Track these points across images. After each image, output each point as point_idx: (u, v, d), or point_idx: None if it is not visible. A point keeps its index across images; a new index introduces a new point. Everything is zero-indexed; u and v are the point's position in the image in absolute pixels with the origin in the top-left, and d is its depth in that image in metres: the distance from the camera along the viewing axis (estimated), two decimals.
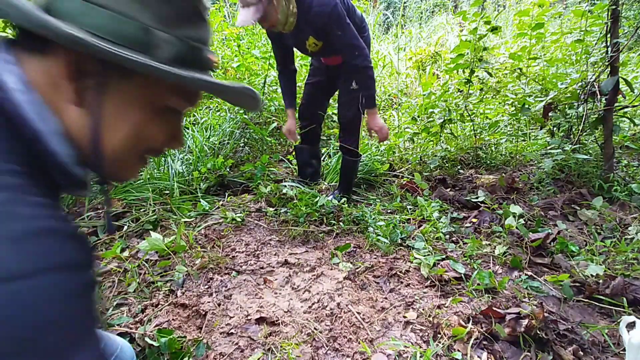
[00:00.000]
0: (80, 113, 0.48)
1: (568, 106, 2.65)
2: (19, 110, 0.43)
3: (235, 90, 0.56)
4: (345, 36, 1.96)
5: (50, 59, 0.46)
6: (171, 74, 0.48)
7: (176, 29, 0.51)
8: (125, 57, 0.45)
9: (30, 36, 0.45)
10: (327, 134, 3.41)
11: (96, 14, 0.46)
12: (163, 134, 0.56)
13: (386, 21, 8.13)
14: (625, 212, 2.22)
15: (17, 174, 0.40)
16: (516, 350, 1.22)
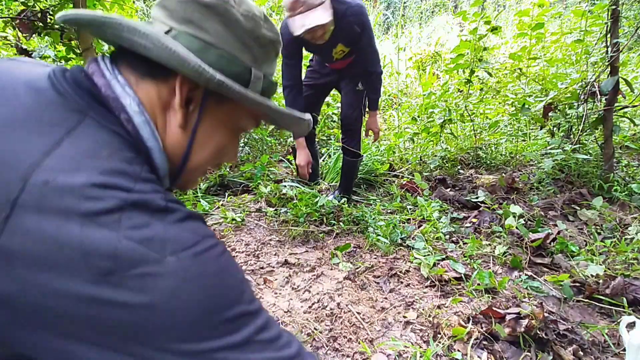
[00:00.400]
0: (181, 133, 0.56)
1: (568, 106, 2.65)
2: (139, 131, 0.51)
3: (293, 117, 0.64)
4: (371, 41, 2.05)
5: (163, 85, 0.54)
6: (262, 105, 0.57)
7: (264, 67, 0.61)
8: (239, 91, 0.54)
9: (146, 62, 0.51)
10: (327, 133, 3.42)
11: (211, 53, 0.54)
12: (235, 151, 0.66)
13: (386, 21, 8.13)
14: (625, 212, 2.22)
15: (153, 179, 0.48)
16: (516, 350, 1.22)
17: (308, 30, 1.72)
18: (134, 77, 0.53)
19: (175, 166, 0.58)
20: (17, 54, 2.47)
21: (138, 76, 0.53)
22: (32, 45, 2.74)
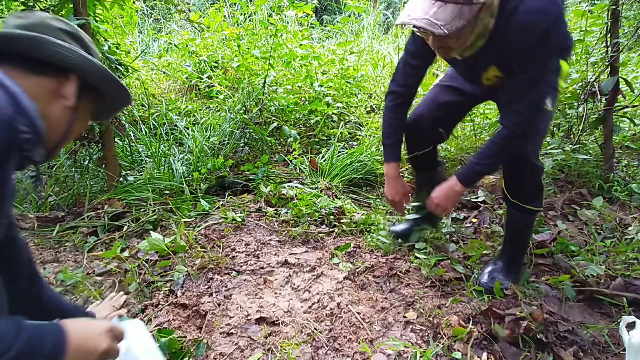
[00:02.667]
0: (67, 110, 0.82)
1: (568, 106, 2.65)
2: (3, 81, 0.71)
3: (125, 89, 0.95)
4: (538, 71, 1.23)
5: (52, 79, 0.80)
6: (117, 83, 0.90)
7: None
8: (113, 76, 0.88)
9: (34, 62, 0.77)
10: (327, 133, 3.42)
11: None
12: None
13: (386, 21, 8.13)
14: (625, 212, 2.22)
15: None
16: (516, 350, 1.22)
17: (406, 23, 1.13)
18: (18, 72, 0.75)
19: (58, 136, 0.83)
20: None
21: (27, 73, 0.76)
22: None
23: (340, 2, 4.55)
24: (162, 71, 4.43)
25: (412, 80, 1.57)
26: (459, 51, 1.25)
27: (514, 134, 1.31)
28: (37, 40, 0.74)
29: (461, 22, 1.07)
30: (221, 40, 4.37)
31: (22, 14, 0.82)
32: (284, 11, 3.67)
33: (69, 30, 0.83)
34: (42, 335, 0.69)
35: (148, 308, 1.43)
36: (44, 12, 0.92)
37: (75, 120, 0.84)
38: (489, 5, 1.13)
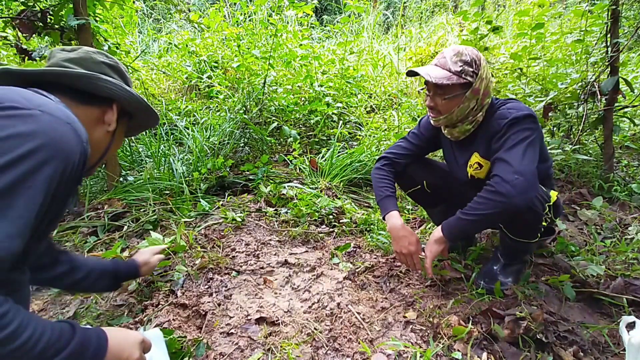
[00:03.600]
0: (107, 134, 0.97)
1: (568, 106, 2.65)
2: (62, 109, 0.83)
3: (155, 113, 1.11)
4: (512, 151, 1.29)
5: (97, 109, 0.94)
6: (150, 109, 1.07)
7: None
8: (149, 106, 1.05)
9: (84, 94, 0.91)
10: (327, 133, 3.41)
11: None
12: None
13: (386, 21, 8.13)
14: (625, 212, 2.23)
15: None
16: (516, 350, 1.22)
17: (413, 74, 1.40)
18: (70, 102, 0.87)
19: (98, 155, 0.97)
20: (17, 54, 2.47)
21: (77, 103, 0.89)
22: (32, 45, 2.74)
23: (340, 2, 4.55)
24: (162, 71, 4.43)
25: (404, 155, 1.69)
26: (445, 119, 1.44)
27: (499, 185, 1.25)
28: (93, 77, 0.89)
29: (446, 82, 1.35)
30: (221, 40, 4.37)
31: (69, 48, 0.95)
32: (284, 11, 3.67)
33: (110, 63, 0.97)
34: (90, 339, 0.78)
35: (148, 308, 1.42)
36: (89, 47, 1.00)
37: (113, 141, 1.00)
38: (476, 90, 1.37)
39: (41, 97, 0.78)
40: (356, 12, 3.57)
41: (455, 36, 5.43)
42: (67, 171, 0.73)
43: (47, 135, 0.70)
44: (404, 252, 1.50)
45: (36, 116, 0.71)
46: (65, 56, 0.91)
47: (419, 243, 1.51)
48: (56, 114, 0.74)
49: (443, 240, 1.41)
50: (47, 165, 0.69)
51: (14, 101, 0.71)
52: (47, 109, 0.73)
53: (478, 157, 1.47)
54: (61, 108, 0.78)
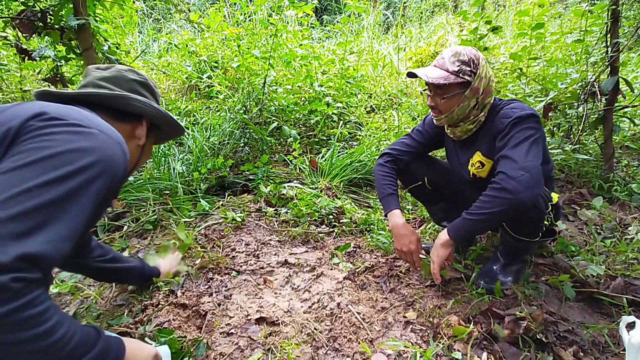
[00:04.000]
0: (138, 147, 1.07)
1: (568, 106, 2.65)
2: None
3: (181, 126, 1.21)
4: (516, 149, 1.29)
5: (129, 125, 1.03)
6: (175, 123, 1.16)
7: None
8: (176, 121, 1.14)
9: (117, 112, 1.00)
10: (327, 133, 3.41)
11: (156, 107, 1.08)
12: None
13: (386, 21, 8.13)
14: (625, 212, 2.23)
15: None
16: (516, 350, 1.22)
17: (412, 75, 1.43)
18: (107, 118, 0.94)
19: (130, 167, 1.02)
20: (17, 54, 2.47)
21: (112, 120, 0.96)
22: (32, 45, 2.74)
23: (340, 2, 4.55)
24: (162, 71, 4.43)
25: (407, 152, 1.68)
26: (447, 119, 1.46)
27: (504, 181, 1.24)
28: (126, 98, 0.98)
29: (443, 81, 1.37)
30: (221, 40, 4.37)
31: (103, 67, 1.04)
32: (284, 11, 3.67)
33: (140, 81, 1.07)
34: (110, 346, 0.83)
35: (148, 308, 1.42)
36: (121, 65, 1.08)
37: (143, 154, 1.09)
38: (475, 89, 1.39)
39: (95, 116, 0.87)
40: (356, 12, 3.56)
41: (455, 36, 5.43)
42: (113, 185, 0.81)
43: (103, 153, 0.78)
44: (404, 250, 1.52)
45: (95, 135, 0.78)
46: (99, 75, 1.01)
47: (420, 242, 1.54)
48: (111, 135, 0.82)
49: (450, 243, 1.40)
50: (99, 179, 0.76)
51: (77, 119, 0.79)
52: (103, 129, 0.82)
53: (480, 156, 1.48)
54: (113, 129, 0.85)
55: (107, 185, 0.79)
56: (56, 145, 0.73)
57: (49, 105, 0.81)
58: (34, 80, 3.63)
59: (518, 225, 1.45)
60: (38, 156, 0.71)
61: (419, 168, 1.71)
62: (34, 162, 0.70)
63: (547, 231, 1.52)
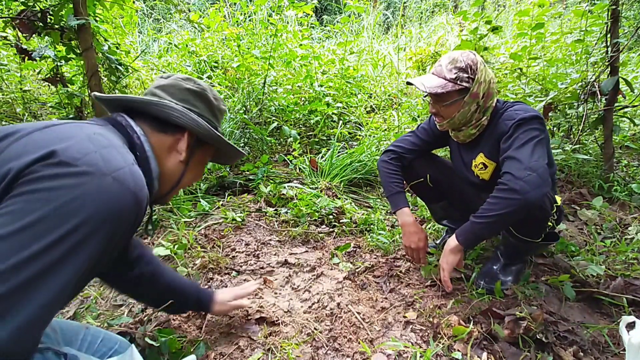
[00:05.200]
0: (179, 165, 0.94)
1: (568, 106, 2.65)
2: (143, 143, 0.86)
3: (238, 150, 1.06)
4: (521, 149, 1.29)
5: (171, 136, 0.92)
6: (227, 143, 1.00)
7: (220, 125, 1.05)
8: (220, 136, 0.97)
9: (160, 122, 0.90)
10: (327, 133, 3.41)
11: (202, 119, 0.94)
12: (201, 175, 1.10)
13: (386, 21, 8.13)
14: (625, 212, 2.22)
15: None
16: (516, 350, 1.22)
17: (410, 82, 1.45)
18: (149, 129, 0.89)
19: (171, 185, 0.95)
20: (17, 54, 2.47)
21: (153, 130, 0.90)
22: (32, 45, 2.74)
23: (340, 2, 4.55)
24: (162, 71, 4.42)
25: (412, 150, 1.68)
26: (449, 124, 1.47)
27: (511, 182, 1.23)
28: (160, 105, 0.89)
29: (441, 90, 1.38)
30: (221, 40, 4.36)
31: (165, 75, 0.98)
32: (284, 11, 3.67)
33: (196, 90, 0.96)
34: None
35: (148, 308, 1.42)
36: (181, 74, 0.99)
37: (186, 171, 0.96)
38: (475, 94, 1.39)
39: (122, 147, 0.77)
40: (356, 12, 3.57)
41: (455, 36, 5.43)
42: (117, 237, 0.70)
43: (106, 206, 0.66)
44: (412, 246, 1.57)
45: (103, 185, 0.66)
46: (158, 83, 0.95)
47: (427, 240, 1.60)
48: (124, 180, 0.69)
49: (459, 248, 1.38)
50: (93, 238, 0.65)
51: (90, 162, 0.66)
52: (119, 175, 0.68)
53: (483, 158, 1.49)
54: (133, 170, 0.73)
55: (106, 239, 0.67)
56: (46, 205, 0.61)
57: (71, 137, 0.70)
58: (34, 80, 3.63)
59: (522, 225, 1.44)
60: (18, 225, 0.59)
61: (422, 165, 1.72)
62: (13, 234, 0.59)
63: (549, 235, 1.52)
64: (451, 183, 1.71)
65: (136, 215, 0.72)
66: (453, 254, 1.40)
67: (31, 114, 3.16)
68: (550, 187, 1.30)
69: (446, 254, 1.41)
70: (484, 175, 1.51)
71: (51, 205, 0.61)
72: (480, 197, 1.52)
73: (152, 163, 0.86)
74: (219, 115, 1.02)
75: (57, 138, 0.69)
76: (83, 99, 2.29)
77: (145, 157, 0.85)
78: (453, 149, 1.68)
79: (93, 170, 0.66)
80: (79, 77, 2.87)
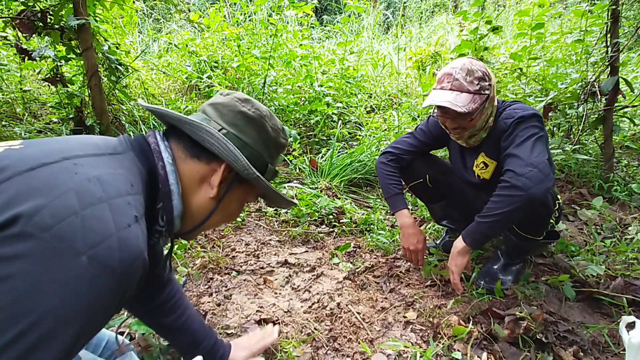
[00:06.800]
0: (210, 201, 0.77)
1: (568, 106, 2.65)
2: (167, 175, 0.72)
3: (287, 200, 0.87)
4: (521, 146, 1.31)
5: (205, 165, 0.76)
6: (272, 190, 0.81)
7: (275, 162, 0.86)
8: (260, 178, 0.76)
9: (197, 147, 0.75)
10: (327, 133, 3.41)
11: (247, 150, 0.77)
12: (238, 216, 0.88)
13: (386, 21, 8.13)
14: (625, 212, 2.23)
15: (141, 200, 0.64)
16: (516, 350, 1.22)
17: (434, 105, 1.40)
18: (182, 154, 0.76)
19: (194, 223, 0.80)
20: (17, 54, 2.47)
21: (187, 155, 0.76)
22: (32, 45, 2.74)
23: (340, 2, 4.55)
24: (162, 71, 4.42)
25: (410, 152, 1.67)
26: (469, 133, 1.45)
27: (514, 179, 1.24)
28: (192, 125, 0.74)
29: (474, 105, 1.35)
30: (221, 40, 4.37)
31: (225, 92, 0.83)
32: (284, 11, 3.67)
33: (250, 115, 0.79)
34: None
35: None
36: (241, 94, 0.83)
37: (216, 210, 0.79)
38: (492, 98, 1.40)
39: (120, 207, 0.57)
40: (356, 12, 3.57)
41: (455, 36, 5.43)
42: (97, 319, 0.55)
43: (76, 299, 0.50)
44: (411, 248, 1.57)
45: (77, 269, 0.50)
46: (213, 99, 0.82)
47: (426, 242, 1.60)
48: (106, 262, 0.52)
49: (467, 250, 1.37)
50: (69, 327, 0.50)
51: (63, 237, 0.50)
52: (98, 253, 0.52)
53: (484, 157, 1.50)
54: (125, 238, 0.55)
55: (79, 331, 0.52)
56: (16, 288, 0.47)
57: (55, 186, 0.54)
58: (34, 80, 3.63)
59: (525, 222, 1.44)
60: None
61: (421, 166, 1.71)
62: None
63: (550, 233, 1.52)
64: (450, 183, 1.71)
65: (122, 293, 0.56)
66: (461, 256, 1.38)
67: (31, 114, 3.16)
68: (552, 181, 1.30)
69: (454, 257, 1.39)
70: (485, 174, 1.51)
71: (4, 299, 0.47)
72: (480, 197, 1.52)
73: (174, 199, 0.73)
74: (273, 150, 0.83)
75: (36, 189, 0.52)
76: (83, 99, 2.29)
77: (167, 192, 0.72)
78: (453, 150, 1.67)
79: (64, 246, 0.50)
80: (79, 77, 2.87)
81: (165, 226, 0.74)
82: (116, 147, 0.69)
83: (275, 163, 0.85)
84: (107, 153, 0.66)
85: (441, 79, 1.41)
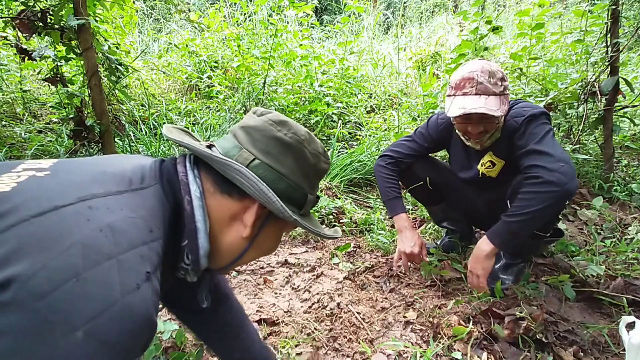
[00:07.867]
0: (242, 240, 0.70)
1: (568, 106, 2.65)
2: (194, 210, 0.65)
3: (326, 235, 0.78)
4: (543, 142, 1.30)
5: (236, 203, 0.68)
6: (308, 228, 0.72)
7: (315, 190, 0.76)
8: (293, 216, 0.67)
9: (228, 183, 0.67)
10: (327, 133, 3.41)
11: (283, 183, 0.68)
12: (275, 249, 0.79)
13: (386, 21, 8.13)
14: (625, 212, 2.23)
15: (159, 246, 0.56)
16: (516, 350, 1.22)
17: (465, 114, 1.34)
18: (212, 187, 0.68)
19: (225, 262, 0.73)
20: (17, 54, 2.47)
21: (217, 190, 0.68)
22: (32, 45, 2.74)
23: (340, 2, 4.55)
24: (162, 71, 4.43)
25: (410, 155, 1.66)
26: (490, 134, 1.43)
27: (547, 174, 1.21)
28: (219, 163, 0.66)
29: (504, 107, 1.35)
30: (221, 40, 4.37)
31: (260, 112, 0.73)
32: (284, 11, 3.67)
33: (286, 142, 0.69)
34: None
35: None
36: (278, 115, 0.73)
37: (250, 248, 0.72)
38: (508, 96, 1.40)
39: (131, 264, 0.50)
40: (356, 12, 3.57)
41: (455, 36, 5.43)
42: None
43: None
44: (408, 252, 1.54)
45: (70, 348, 0.42)
46: (246, 120, 0.73)
47: (424, 246, 1.57)
48: (104, 337, 0.44)
49: (495, 252, 1.33)
50: None
51: (57, 309, 0.43)
52: (95, 328, 0.44)
53: (491, 156, 1.49)
54: (130, 305, 0.47)
55: None
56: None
57: (62, 238, 0.47)
58: (34, 80, 3.63)
59: None
60: None
61: (421, 169, 1.71)
62: None
63: (555, 231, 1.53)
64: (451, 185, 1.71)
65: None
66: (489, 259, 1.34)
67: (31, 114, 3.16)
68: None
69: (480, 260, 1.35)
70: (492, 173, 1.50)
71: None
72: (482, 197, 1.52)
73: (200, 238, 0.66)
74: (314, 178, 0.74)
75: (39, 241, 0.45)
76: (83, 99, 2.29)
77: (192, 230, 0.65)
78: (456, 153, 1.65)
79: (58, 319, 0.42)
80: (79, 77, 2.87)
81: (191, 265, 0.67)
82: (144, 178, 0.63)
83: (315, 191, 0.77)
84: (131, 189, 0.59)
85: (460, 84, 1.36)
